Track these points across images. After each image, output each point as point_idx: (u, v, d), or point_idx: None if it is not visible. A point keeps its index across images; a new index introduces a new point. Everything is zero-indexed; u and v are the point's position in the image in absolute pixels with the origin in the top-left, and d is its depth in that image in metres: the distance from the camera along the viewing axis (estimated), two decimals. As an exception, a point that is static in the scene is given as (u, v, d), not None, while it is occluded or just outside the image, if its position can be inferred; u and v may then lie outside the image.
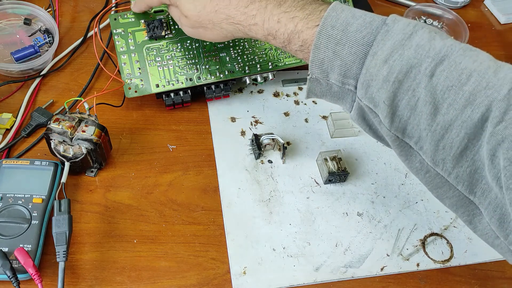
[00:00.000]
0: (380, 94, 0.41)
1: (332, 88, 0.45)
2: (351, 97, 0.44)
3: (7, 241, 0.48)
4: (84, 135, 0.52)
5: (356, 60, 0.42)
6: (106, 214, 0.54)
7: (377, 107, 0.42)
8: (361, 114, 0.45)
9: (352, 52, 0.42)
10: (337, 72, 0.43)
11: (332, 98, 0.46)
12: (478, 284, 0.54)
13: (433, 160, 0.41)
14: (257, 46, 0.63)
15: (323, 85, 0.45)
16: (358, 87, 0.43)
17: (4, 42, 0.65)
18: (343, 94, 0.45)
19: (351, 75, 0.43)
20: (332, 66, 0.43)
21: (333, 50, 0.43)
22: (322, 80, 0.45)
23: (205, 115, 0.63)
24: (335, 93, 0.45)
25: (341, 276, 0.53)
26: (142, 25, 0.60)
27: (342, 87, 0.44)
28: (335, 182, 0.59)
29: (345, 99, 0.45)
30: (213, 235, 0.54)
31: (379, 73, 0.41)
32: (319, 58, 0.43)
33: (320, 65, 0.44)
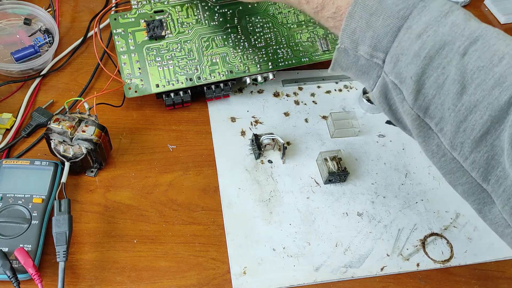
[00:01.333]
0: (409, 69, 0.41)
1: (359, 61, 0.45)
2: (376, 72, 0.44)
3: (7, 241, 0.48)
4: (84, 135, 0.52)
5: (389, 32, 0.42)
6: (106, 214, 0.54)
7: (402, 83, 0.42)
8: (383, 92, 0.45)
9: (386, 24, 0.42)
10: (367, 43, 0.43)
11: (357, 72, 0.46)
12: (478, 284, 0.54)
13: (452, 143, 0.40)
14: (257, 46, 0.63)
15: (350, 56, 0.45)
16: (387, 61, 0.42)
17: (4, 42, 0.65)
18: (369, 68, 0.44)
19: (382, 47, 0.42)
20: (364, 37, 0.43)
21: (366, 20, 0.42)
22: (351, 51, 0.44)
23: (205, 115, 0.63)
24: (361, 66, 0.45)
25: (341, 276, 0.53)
26: (142, 25, 0.60)
27: (370, 60, 0.44)
28: (335, 182, 0.59)
29: (370, 74, 0.45)
30: (213, 235, 0.54)
31: (411, 47, 0.40)
32: (351, 27, 0.43)
33: (351, 35, 0.43)
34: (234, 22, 0.63)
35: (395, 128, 0.65)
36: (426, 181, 0.61)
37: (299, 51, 0.65)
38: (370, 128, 0.65)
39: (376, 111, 0.66)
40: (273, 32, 0.64)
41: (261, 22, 0.64)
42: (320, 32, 0.66)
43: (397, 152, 0.63)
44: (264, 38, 0.64)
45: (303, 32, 0.65)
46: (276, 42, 0.64)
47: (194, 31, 0.62)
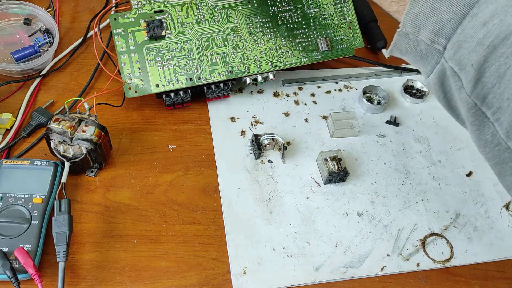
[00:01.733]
0: (470, 57, 0.40)
1: (419, 46, 0.45)
2: (436, 58, 0.44)
3: (7, 241, 0.48)
4: (84, 135, 0.52)
5: (453, 18, 0.41)
6: (106, 214, 0.54)
7: (462, 70, 0.42)
8: (440, 78, 0.45)
9: (451, 10, 0.41)
10: (430, 28, 0.43)
11: (415, 57, 0.46)
12: (478, 284, 0.54)
13: (508, 133, 0.40)
14: (257, 46, 0.63)
15: (410, 41, 0.45)
16: (448, 47, 0.42)
17: (4, 42, 0.65)
18: (429, 53, 0.44)
19: (444, 33, 0.42)
20: (426, 22, 0.43)
21: (431, 5, 0.42)
22: (412, 35, 0.44)
23: (205, 115, 0.63)
24: (420, 51, 0.45)
25: (341, 276, 0.53)
26: (142, 25, 0.60)
27: (430, 45, 0.43)
28: (335, 182, 0.59)
29: (428, 60, 0.45)
30: (213, 235, 0.54)
31: (475, 35, 0.40)
32: (415, 11, 0.43)
33: (414, 19, 0.43)
34: (234, 22, 0.63)
35: (395, 128, 0.65)
36: (426, 181, 0.61)
37: (299, 51, 0.65)
38: (370, 128, 0.65)
39: (376, 111, 0.66)
40: (273, 32, 0.64)
41: (261, 22, 0.64)
42: (320, 32, 0.66)
43: (397, 152, 0.63)
44: (264, 38, 0.64)
45: (303, 32, 0.65)
46: (276, 42, 0.64)
47: (194, 31, 0.62)
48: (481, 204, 0.60)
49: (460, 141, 0.65)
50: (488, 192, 0.61)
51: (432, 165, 0.63)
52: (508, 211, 0.60)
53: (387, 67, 0.71)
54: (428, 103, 0.69)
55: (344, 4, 0.67)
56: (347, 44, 0.67)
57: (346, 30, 0.67)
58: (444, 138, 0.65)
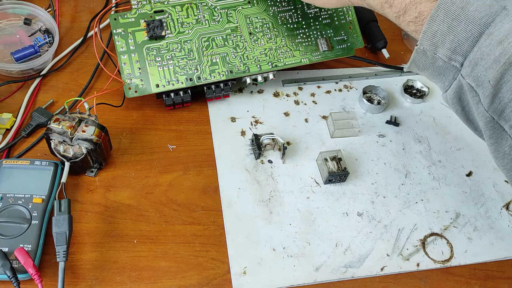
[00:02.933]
0: (487, 73, 0.42)
1: (436, 62, 0.46)
2: (453, 74, 0.46)
3: (7, 241, 0.48)
4: (84, 135, 0.52)
5: (469, 37, 0.43)
6: (106, 214, 0.54)
7: (479, 87, 0.43)
8: (457, 94, 0.47)
9: (467, 30, 0.43)
10: (447, 46, 0.44)
11: (433, 73, 0.48)
12: (478, 284, 0.55)
13: None
14: (257, 46, 0.63)
15: (428, 58, 0.47)
16: (465, 65, 0.44)
17: (4, 42, 0.65)
18: (446, 70, 0.46)
19: (461, 51, 0.44)
20: (444, 40, 0.44)
21: (448, 24, 0.44)
22: (429, 52, 0.46)
23: (205, 115, 0.63)
24: (438, 68, 0.47)
25: (341, 276, 0.53)
26: (142, 25, 0.60)
27: (447, 62, 0.45)
28: (335, 182, 0.59)
29: (446, 76, 0.47)
30: (213, 235, 0.54)
31: (491, 52, 0.42)
32: (432, 30, 0.45)
33: (431, 37, 0.45)
34: (234, 22, 0.63)
35: (395, 128, 0.65)
36: (426, 181, 0.61)
37: (299, 51, 0.65)
38: (370, 128, 0.65)
39: (376, 111, 0.66)
40: (273, 32, 0.64)
41: (261, 22, 0.64)
42: (320, 32, 0.66)
43: (397, 152, 0.63)
44: (264, 38, 0.64)
45: (303, 32, 0.65)
46: (276, 42, 0.64)
47: (194, 31, 0.62)
48: (481, 204, 0.60)
49: (460, 141, 0.65)
50: (488, 192, 0.61)
51: (432, 165, 0.63)
52: (508, 211, 0.60)
53: (387, 67, 0.71)
54: (428, 103, 0.69)
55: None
56: (347, 44, 0.67)
57: (346, 30, 0.67)
58: (444, 138, 0.65)
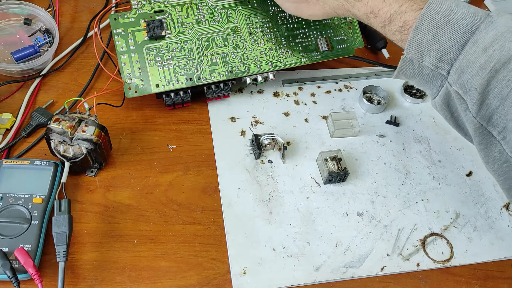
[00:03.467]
0: (474, 81, 0.42)
1: (423, 71, 0.46)
2: (440, 82, 0.46)
3: (7, 241, 0.48)
4: (84, 135, 0.52)
5: (455, 45, 0.44)
6: (106, 214, 0.54)
7: (466, 94, 0.43)
8: (445, 101, 0.47)
9: (452, 38, 0.43)
10: (433, 55, 0.45)
11: (421, 81, 0.48)
12: (478, 284, 0.55)
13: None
14: (257, 46, 0.63)
15: (415, 66, 0.47)
16: (451, 72, 0.44)
17: (4, 42, 0.65)
18: (433, 77, 0.46)
19: (447, 59, 0.44)
20: (429, 49, 0.45)
21: (433, 33, 0.44)
22: (416, 61, 0.46)
23: (205, 115, 0.63)
24: (425, 75, 0.47)
25: (341, 276, 0.53)
26: (142, 25, 0.60)
27: (434, 70, 0.45)
28: (335, 182, 0.59)
29: (433, 83, 0.47)
30: (213, 235, 0.54)
31: (476, 60, 0.42)
32: (418, 39, 0.45)
33: (417, 46, 0.45)
34: (234, 22, 0.63)
35: (395, 128, 0.65)
36: (426, 181, 0.61)
37: (299, 51, 0.65)
38: (370, 128, 0.65)
39: (376, 111, 0.66)
40: (273, 32, 0.64)
41: (261, 22, 0.64)
42: (320, 32, 0.66)
43: (397, 152, 0.63)
44: (264, 38, 0.64)
45: (303, 32, 0.65)
46: (276, 42, 0.64)
47: (194, 31, 0.62)
48: (481, 204, 0.60)
49: (460, 141, 0.65)
50: (488, 192, 0.61)
51: (432, 165, 0.63)
52: (508, 211, 0.60)
53: (387, 67, 0.71)
54: (428, 103, 0.69)
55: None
56: (347, 44, 0.67)
57: (346, 30, 0.67)
58: (444, 138, 0.66)
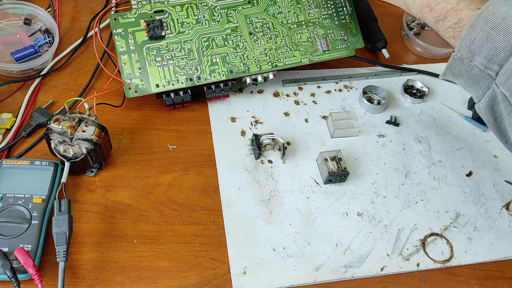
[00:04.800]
0: None
1: (472, 70, 0.47)
2: (487, 83, 0.46)
3: (7, 241, 0.48)
4: (84, 135, 0.52)
5: (507, 47, 0.44)
6: (106, 214, 0.54)
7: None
8: (490, 103, 0.47)
9: (506, 40, 0.44)
10: (484, 55, 0.45)
11: (468, 81, 0.48)
12: (478, 284, 0.54)
13: None
14: (257, 46, 0.63)
15: (464, 65, 0.47)
16: (500, 74, 0.44)
17: (4, 42, 0.65)
18: (481, 78, 0.46)
19: (497, 60, 0.44)
20: (481, 49, 0.45)
21: (487, 33, 0.44)
22: (466, 60, 0.46)
23: (205, 115, 0.63)
24: (473, 75, 0.47)
25: (341, 276, 0.53)
26: (142, 25, 0.60)
27: (483, 70, 0.46)
28: (335, 182, 0.59)
29: (480, 84, 0.47)
30: (213, 235, 0.54)
31: None
32: (471, 37, 0.45)
33: (469, 45, 0.46)
34: (234, 22, 0.63)
35: (395, 128, 0.65)
36: (426, 181, 0.61)
37: (299, 51, 0.65)
38: (370, 128, 0.65)
39: (376, 111, 0.66)
40: (273, 32, 0.64)
41: (261, 22, 0.64)
42: (320, 32, 0.66)
43: (397, 152, 0.63)
44: (264, 38, 0.64)
45: (303, 32, 0.65)
46: (276, 42, 0.64)
47: (194, 31, 0.62)
48: (481, 204, 0.60)
49: (460, 141, 0.65)
50: (488, 192, 0.61)
51: (432, 165, 0.63)
52: (508, 211, 0.60)
53: (387, 67, 0.71)
54: (428, 103, 0.69)
55: (344, 4, 0.67)
56: (347, 44, 0.67)
57: (346, 30, 0.67)
58: (444, 138, 0.65)
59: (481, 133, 0.67)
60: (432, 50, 0.73)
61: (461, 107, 0.69)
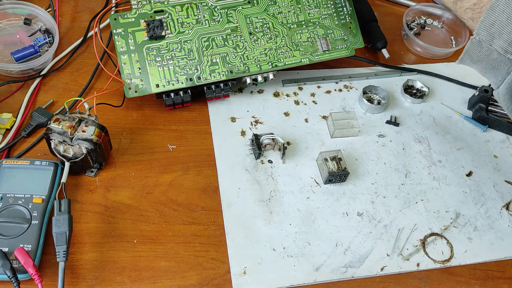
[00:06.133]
0: None
1: (491, 55, 0.45)
2: (507, 68, 0.45)
3: (7, 241, 0.48)
4: (84, 135, 0.52)
5: None
6: (106, 214, 0.54)
7: None
8: (510, 89, 0.45)
9: None
10: (504, 38, 0.43)
11: (487, 66, 0.46)
12: (478, 284, 0.55)
13: None
14: (257, 46, 0.63)
15: (483, 49, 0.45)
16: None
17: (4, 42, 0.65)
18: (501, 63, 0.45)
19: None
20: (501, 31, 0.43)
21: (508, 15, 0.43)
22: (485, 43, 0.45)
23: (205, 115, 0.63)
24: (492, 60, 0.45)
25: (341, 276, 0.53)
26: (142, 25, 0.60)
27: (503, 55, 0.44)
28: (335, 182, 0.59)
29: (500, 69, 0.45)
30: (213, 235, 0.54)
31: None
32: (491, 19, 0.44)
33: (489, 27, 0.44)
34: (234, 22, 0.63)
35: (395, 128, 0.65)
36: (426, 181, 0.61)
37: (299, 51, 0.65)
38: (370, 128, 0.65)
39: (376, 111, 0.66)
40: (273, 32, 0.64)
41: (261, 22, 0.64)
42: (320, 32, 0.66)
43: (397, 152, 0.63)
44: (264, 38, 0.64)
45: (303, 32, 0.65)
46: (276, 42, 0.64)
47: (194, 31, 0.62)
48: (481, 204, 0.60)
49: (460, 141, 0.65)
50: (488, 192, 0.61)
51: (432, 165, 0.63)
52: (508, 211, 0.60)
53: (387, 67, 0.71)
54: (428, 103, 0.69)
55: (344, 4, 0.67)
56: (347, 44, 0.67)
57: (346, 30, 0.67)
58: (444, 138, 0.66)
59: (481, 133, 0.67)
60: (432, 50, 0.73)
61: (461, 107, 0.69)
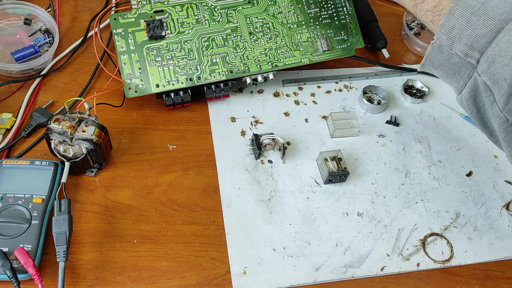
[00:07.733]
0: (504, 71, 0.41)
1: (452, 59, 0.45)
2: (468, 72, 0.44)
3: (7, 241, 0.48)
4: (84, 135, 0.52)
5: (487, 33, 0.42)
6: (106, 214, 0.54)
7: (495, 85, 0.42)
8: (473, 94, 0.45)
9: (486, 25, 0.42)
10: (464, 42, 0.43)
11: (448, 71, 0.46)
12: (478, 284, 0.55)
13: None
14: (257, 46, 0.63)
15: (444, 53, 0.45)
16: (481, 61, 0.43)
17: (4, 42, 0.65)
18: (462, 67, 0.45)
19: (478, 47, 0.43)
20: (461, 35, 0.43)
21: (467, 19, 0.43)
22: (445, 47, 0.45)
23: (205, 115, 0.63)
24: (453, 64, 0.45)
25: (341, 276, 0.53)
26: (142, 25, 0.60)
27: (463, 59, 0.44)
28: (335, 182, 0.59)
29: (461, 74, 0.45)
30: (213, 235, 0.54)
31: (509, 49, 0.40)
32: (450, 24, 0.43)
33: (448, 31, 0.44)
34: (234, 22, 0.63)
35: (395, 128, 0.65)
36: (426, 181, 0.61)
37: (299, 51, 0.65)
38: (370, 128, 0.65)
39: (376, 111, 0.66)
40: (273, 32, 0.64)
41: (261, 22, 0.64)
42: (320, 32, 0.66)
43: (397, 152, 0.63)
44: (264, 38, 0.64)
45: (303, 32, 0.65)
46: (276, 42, 0.64)
47: (194, 31, 0.62)
48: (481, 204, 0.60)
49: (460, 141, 0.65)
50: (488, 192, 0.61)
51: (432, 165, 0.63)
52: (508, 211, 0.60)
53: (387, 67, 0.71)
54: (428, 103, 0.69)
55: (344, 4, 0.67)
56: (347, 44, 0.67)
57: (346, 30, 0.67)
58: (444, 138, 0.66)
59: (481, 133, 0.66)
60: (432, 50, 0.73)
61: (461, 107, 0.69)
